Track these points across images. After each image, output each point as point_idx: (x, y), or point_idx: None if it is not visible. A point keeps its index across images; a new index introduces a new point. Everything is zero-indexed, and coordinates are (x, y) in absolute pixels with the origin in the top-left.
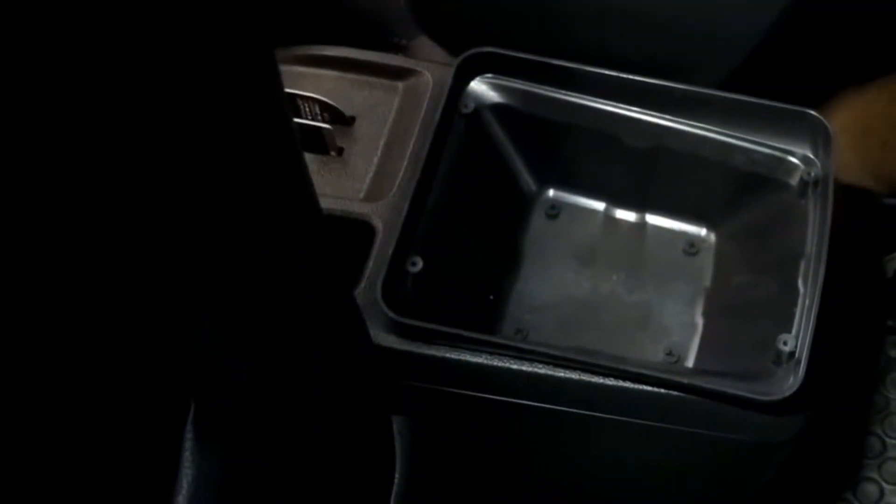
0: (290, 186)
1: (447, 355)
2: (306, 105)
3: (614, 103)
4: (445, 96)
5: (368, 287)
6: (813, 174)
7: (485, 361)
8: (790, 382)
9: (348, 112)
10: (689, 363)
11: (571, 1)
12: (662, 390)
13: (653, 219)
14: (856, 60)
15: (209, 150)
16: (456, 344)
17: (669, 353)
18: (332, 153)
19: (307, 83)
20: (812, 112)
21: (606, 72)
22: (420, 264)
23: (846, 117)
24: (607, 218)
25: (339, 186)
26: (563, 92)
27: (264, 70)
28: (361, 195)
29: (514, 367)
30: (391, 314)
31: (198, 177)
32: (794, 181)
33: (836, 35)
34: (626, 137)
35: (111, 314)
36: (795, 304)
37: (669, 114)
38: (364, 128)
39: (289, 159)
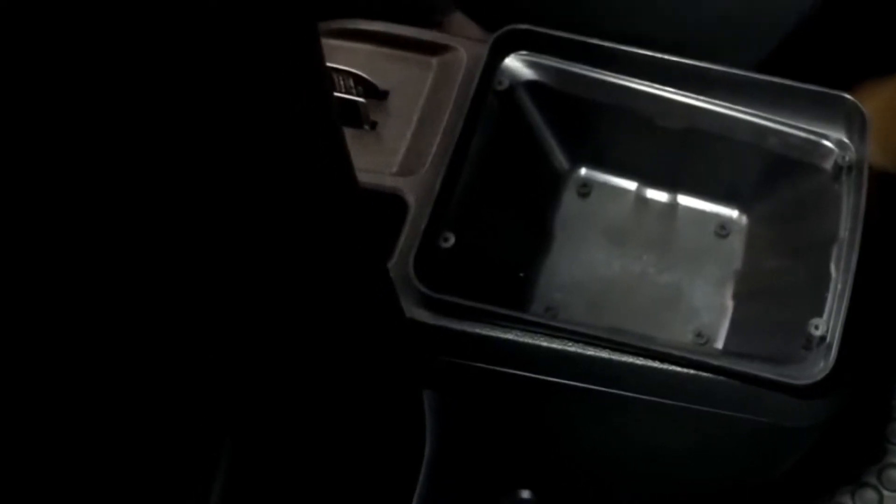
0: (329, 157)
1: (478, 331)
2: (341, 78)
3: (649, 83)
4: (480, 73)
5: (400, 261)
6: (847, 159)
7: (515, 338)
8: (820, 367)
9: (382, 86)
10: (719, 345)
11: None
12: (691, 371)
13: (684, 200)
14: (886, 48)
15: (252, 121)
16: (487, 320)
17: (699, 335)
18: (366, 127)
19: (342, 57)
20: (848, 96)
21: (641, 51)
22: (452, 240)
23: (875, 105)
24: (639, 198)
25: (371, 160)
26: (598, 71)
27: (309, 43)
28: (394, 169)
29: (544, 344)
30: (423, 289)
31: (237, 147)
32: (828, 165)
33: (870, 21)
34: (660, 118)
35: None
36: (827, 289)
37: (704, 95)
38: (398, 102)
39: (328, 131)
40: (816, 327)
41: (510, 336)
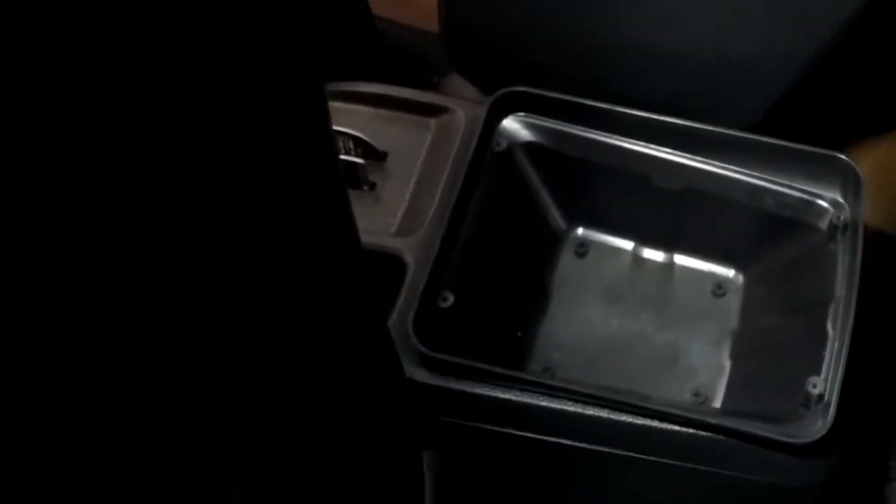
0: (335, 218)
1: (476, 391)
2: (340, 140)
3: (645, 144)
4: (478, 134)
5: (399, 321)
6: (842, 218)
7: (514, 398)
8: (819, 426)
9: (381, 147)
10: (717, 405)
11: (603, 42)
12: (690, 430)
13: (681, 259)
14: (881, 107)
15: (262, 183)
16: (485, 379)
17: (697, 395)
18: (365, 188)
19: (341, 118)
20: (842, 156)
21: (637, 112)
22: (451, 299)
23: (869, 164)
24: (636, 257)
25: (370, 221)
26: (595, 131)
27: (317, 105)
28: (393, 230)
29: (543, 403)
30: (422, 349)
31: (246, 208)
32: (823, 225)
33: (863, 81)
34: (656, 178)
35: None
36: (824, 347)
37: (700, 155)
38: (396, 163)
39: (335, 192)
40: (814, 386)
41: (509, 396)
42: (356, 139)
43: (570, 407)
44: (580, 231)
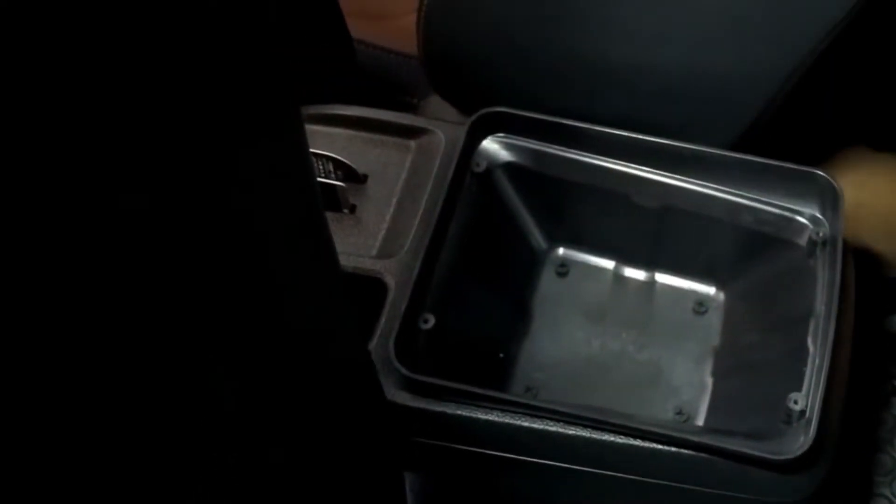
0: (312, 241)
1: (458, 412)
2: (320, 163)
3: (624, 163)
4: (458, 155)
5: (380, 343)
6: (821, 234)
7: (496, 419)
8: (801, 442)
9: (361, 170)
10: (699, 422)
11: (582, 62)
12: (673, 448)
13: (662, 277)
14: (859, 122)
15: (236, 207)
16: (467, 401)
17: (679, 413)
18: (345, 210)
19: (321, 141)
20: (820, 172)
21: (616, 131)
22: (432, 321)
23: (847, 180)
24: (617, 276)
25: (351, 243)
26: (574, 151)
27: (292, 128)
28: (374, 252)
29: (525, 424)
30: (404, 371)
31: (220, 232)
32: (802, 241)
33: (845, 96)
34: (636, 196)
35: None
36: (805, 363)
37: (678, 173)
38: (377, 185)
39: (312, 216)
40: (796, 402)
41: (491, 417)
42: (336, 162)
43: (553, 427)
44: (561, 251)
